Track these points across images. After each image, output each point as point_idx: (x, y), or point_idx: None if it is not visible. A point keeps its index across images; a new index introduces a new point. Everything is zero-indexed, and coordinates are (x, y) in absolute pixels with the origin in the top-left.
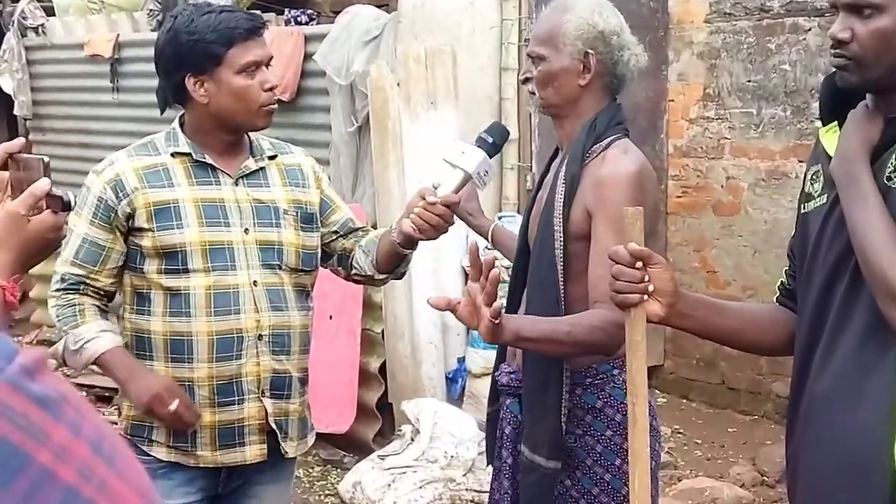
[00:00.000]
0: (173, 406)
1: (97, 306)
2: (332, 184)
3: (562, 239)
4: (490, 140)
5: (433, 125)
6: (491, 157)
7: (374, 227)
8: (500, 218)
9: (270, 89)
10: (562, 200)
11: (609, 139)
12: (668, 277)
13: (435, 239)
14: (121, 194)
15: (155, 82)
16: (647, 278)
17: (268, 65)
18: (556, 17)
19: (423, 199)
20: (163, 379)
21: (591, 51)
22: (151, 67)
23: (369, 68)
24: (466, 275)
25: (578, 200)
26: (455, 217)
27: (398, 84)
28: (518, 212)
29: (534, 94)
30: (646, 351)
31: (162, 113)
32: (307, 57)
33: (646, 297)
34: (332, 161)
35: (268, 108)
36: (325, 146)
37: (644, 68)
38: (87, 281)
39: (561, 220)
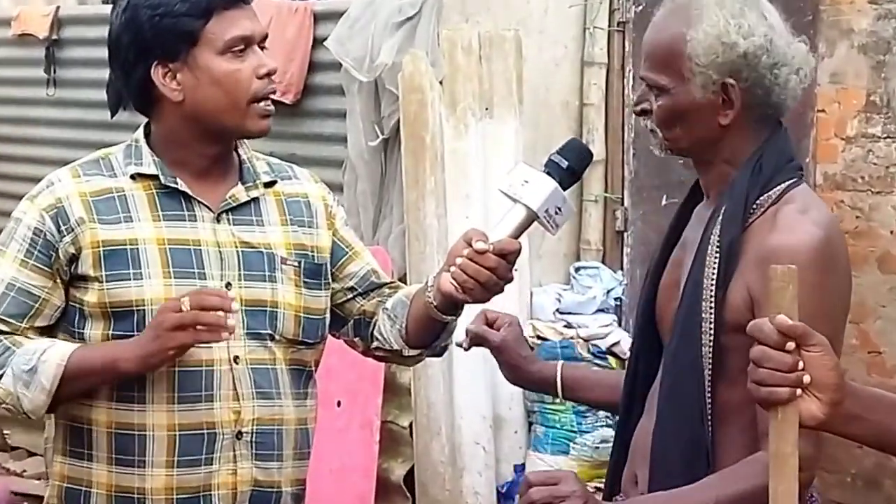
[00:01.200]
0: (186, 303)
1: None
2: (348, 218)
3: (712, 331)
4: (565, 165)
5: (488, 140)
6: (565, 188)
7: (404, 281)
8: (577, 270)
9: (267, 75)
10: (714, 277)
11: (780, 188)
12: (830, 365)
13: (485, 301)
14: (63, 227)
15: (104, 73)
16: (801, 365)
17: (262, 44)
18: (674, 31)
19: (470, 245)
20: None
21: (731, 81)
22: (100, 52)
23: (401, 60)
24: (530, 347)
25: (739, 279)
26: (512, 269)
27: (440, 82)
28: (603, 261)
29: (654, 132)
30: (797, 468)
31: (113, 116)
32: (316, 43)
33: (799, 391)
34: (346, 186)
35: (262, 104)
36: (338, 166)
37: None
38: (16, 336)
39: (713, 303)
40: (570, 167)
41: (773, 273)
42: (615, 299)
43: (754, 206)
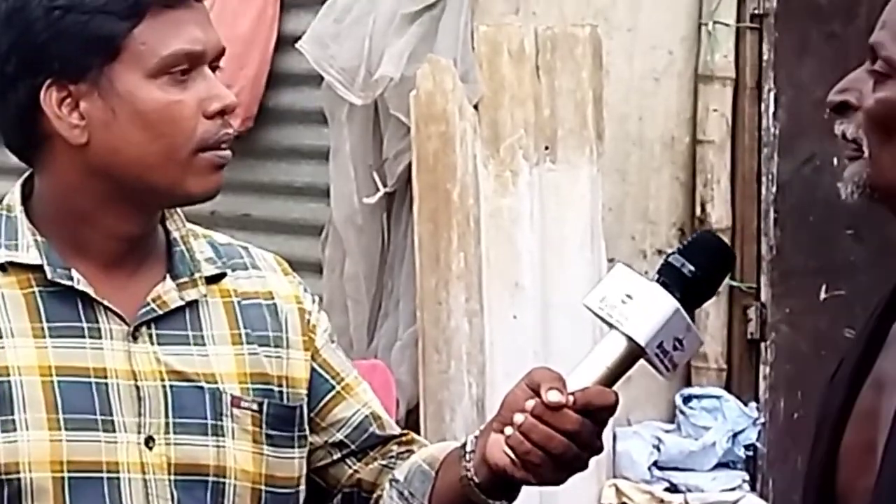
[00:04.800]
0: None
1: None
2: (329, 318)
3: None
4: (690, 272)
5: (549, 196)
6: (690, 309)
7: (414, 417)
8: (686, 400)
9: (221, 113)
10: None
11: None
12: None
13: (557, 483)
14: None
15: None
16: None
17: (215, 64)
18: None
19: (537, 394)
20: None
21: None
22: None
23: (415, 72)
24: None
25: None
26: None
27: (476, 107)
28: (727, 388)
29: (855, 148)
30: None
31: None
32: (283, 43)
33: None
34: (327, 267)
35: (213, 154)
36: (316, 234)
37: None
38: None
39: None
40: (698, 276)
41: None
42: (746, 447)
43: None
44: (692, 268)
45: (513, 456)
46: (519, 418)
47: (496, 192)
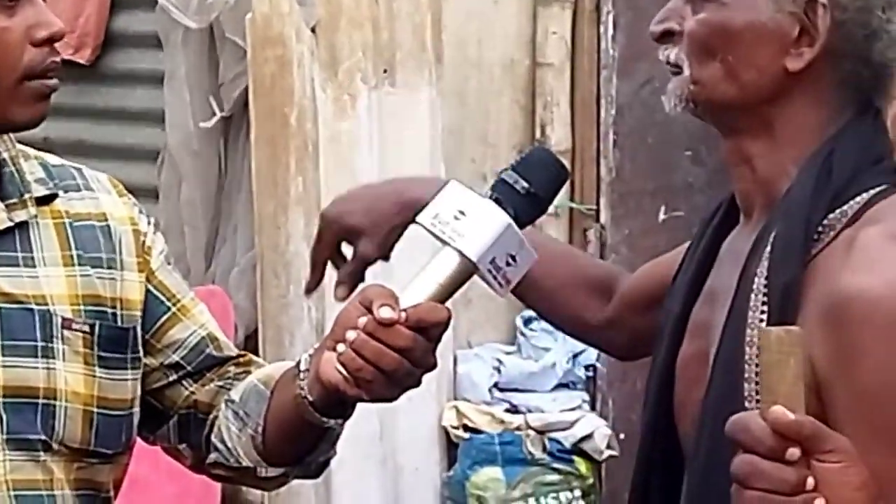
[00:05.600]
0: None
1: None
2: (167, 243)
3: None
4: (523, 188)
5: (388, 119)
6: (523, 224)
7: (253, 341)
8: (527, 322)
9: (49, 41)
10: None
11: (861, 200)
12: (854, 483)
13: (390, 400)
14: None
15: None
16: (810, 482)
17: None
18: None
19: (369, 311)
20: None
21: (824, 1)
22: None
23: None
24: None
25: None
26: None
27: (313, 30)
28: None
29: (677, 70)
30: None
31: None
32: None
33: None
34: (163, 192)
35: (40, 82)
36: (151, 159)
37: None
38: None
39: (758, 388)
40: (531, 192)
41: (766, 339)
42: (586, 367)
43: (821, 229)
44: (525, 184)
45: (345, 373)
46: (351, 335)
47: (334, 116)
